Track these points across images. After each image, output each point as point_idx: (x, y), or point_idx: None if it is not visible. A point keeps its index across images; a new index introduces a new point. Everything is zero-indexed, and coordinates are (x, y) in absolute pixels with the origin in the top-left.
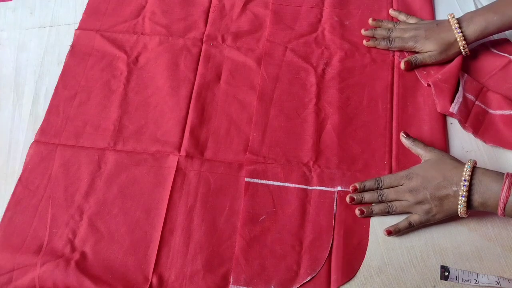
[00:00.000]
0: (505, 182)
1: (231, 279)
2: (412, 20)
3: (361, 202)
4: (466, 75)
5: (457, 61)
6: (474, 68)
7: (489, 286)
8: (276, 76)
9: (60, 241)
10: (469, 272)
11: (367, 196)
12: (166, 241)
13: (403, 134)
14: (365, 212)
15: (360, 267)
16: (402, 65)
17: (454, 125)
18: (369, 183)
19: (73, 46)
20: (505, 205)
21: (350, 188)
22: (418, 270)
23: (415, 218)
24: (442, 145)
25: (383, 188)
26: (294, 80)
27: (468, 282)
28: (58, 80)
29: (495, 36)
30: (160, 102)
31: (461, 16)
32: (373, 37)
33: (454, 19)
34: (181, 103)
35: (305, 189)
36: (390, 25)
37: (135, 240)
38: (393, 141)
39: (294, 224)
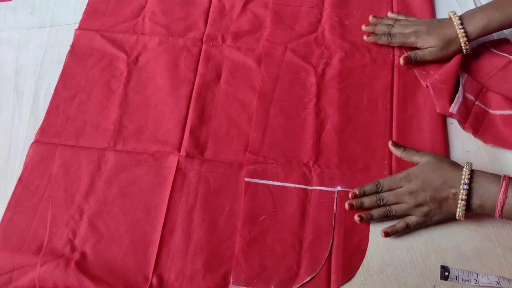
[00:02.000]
0: (502, 185)
1: (231, 279)
2: (411, 19)
3: (360, 208)
4: (466, 75)
5: (455, 61)
6: (474, 68)
7: (489, 286)
8: (276, 76)
9: (60, 241)
10: (469, 272)
11: (367, 202)
12: (166, 241)
13: (392, 144)
14: (365, 218)
15: (360, 267)
16: (401, 61)
17: (454, 125)
18: (368, 188)
19: (73, 46)
20: (502, 207)
21: (350, 194)
22: (418, 270)
23: (412, 219)
24: (442, 145)
25: (383, 192)
26: (294, 80)
27: (468, 282)
28: (58, 80)
29: (495, 36)
30: (160, 102)
31: (463, 13)
32: (373, 32)
33: (456, 15)
34: (181, 103)
35: (305, 189)
36: (390, 22)
37: (135, 240)
38: None
39: (294, 224)
